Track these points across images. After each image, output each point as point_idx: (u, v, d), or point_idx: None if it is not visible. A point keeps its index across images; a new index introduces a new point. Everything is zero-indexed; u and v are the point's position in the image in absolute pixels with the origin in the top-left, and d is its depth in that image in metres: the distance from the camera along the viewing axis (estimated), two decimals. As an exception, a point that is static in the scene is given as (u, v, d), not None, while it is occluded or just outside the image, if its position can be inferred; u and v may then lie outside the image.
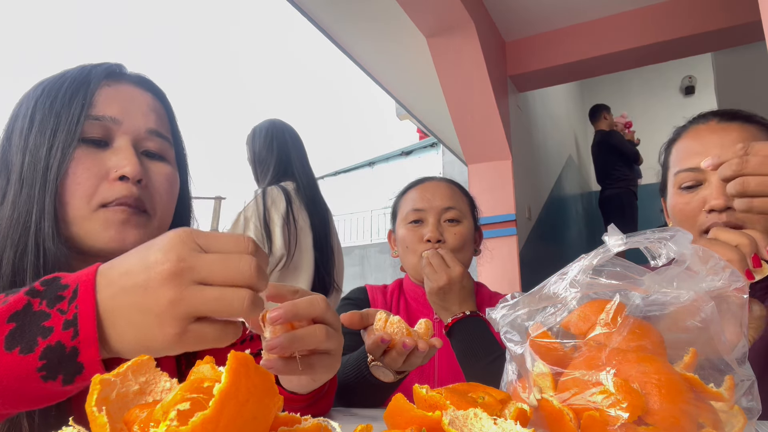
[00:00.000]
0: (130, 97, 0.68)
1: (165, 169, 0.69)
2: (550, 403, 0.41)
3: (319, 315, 0.52)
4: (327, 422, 0.33)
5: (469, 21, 2.96)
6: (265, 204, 1.79)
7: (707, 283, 0.44)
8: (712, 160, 0.73)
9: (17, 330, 0.39)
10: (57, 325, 0.40)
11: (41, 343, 0.39)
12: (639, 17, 3.38)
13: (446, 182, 1.23)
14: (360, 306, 1.20)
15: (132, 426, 0.30)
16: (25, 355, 0.39)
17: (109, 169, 0.63)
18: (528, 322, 0.48)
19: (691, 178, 0.88)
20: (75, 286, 0.41)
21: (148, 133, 0.67)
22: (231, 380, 0.27)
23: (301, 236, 1.82)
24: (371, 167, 14.59)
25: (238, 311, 0.41)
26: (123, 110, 0.66)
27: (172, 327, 0.40)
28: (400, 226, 1.20)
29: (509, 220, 3.32)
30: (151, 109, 0.69)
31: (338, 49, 3.36)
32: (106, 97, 0.66)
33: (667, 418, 0.37)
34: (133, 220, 0.63)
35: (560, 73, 3.77)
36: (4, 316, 0.40)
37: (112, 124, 0.65)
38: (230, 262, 0.41)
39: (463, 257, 1.16)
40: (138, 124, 0.67)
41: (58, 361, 0.39)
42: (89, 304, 0.40)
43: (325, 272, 1.86)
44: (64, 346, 0.39)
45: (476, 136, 3.35)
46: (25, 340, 0.39)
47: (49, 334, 0.39)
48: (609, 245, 0.46)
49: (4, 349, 0.39)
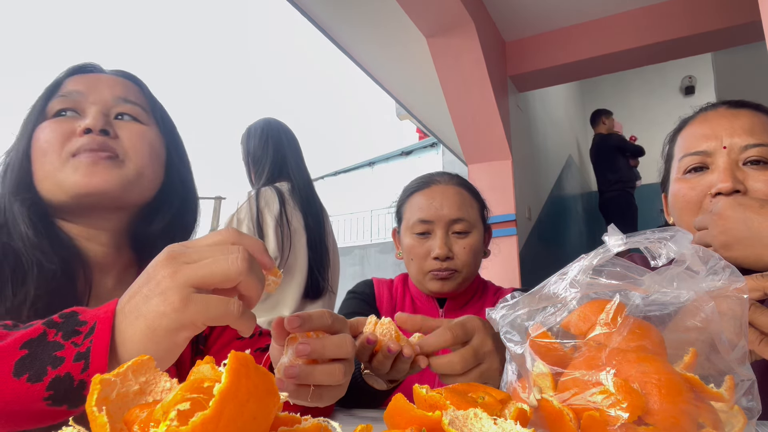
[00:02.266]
0: (98, 79, 0.73)
1: (137, 126, 0.72)
2: (550, 403, 0.41)
3: (343, 357, 0.53)
4: (327, 422, 0.33)
5: (469, 21, 2.96)
6: (258, 205, 1.77)
7: (707, 283, 0.44)
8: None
9: (28, 357, 0.40)
10: (69, 357, 0.41)
11: (50, 373, 0.40)
12: (639, 17, 3.38)
13: (454, 186, 1.16)
14: (366, 300, 1.19)
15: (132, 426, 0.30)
16: (33, 383, 0.39)
17: (76, 128, 0.68)
18: (528, 322, 0.48)
19: (697, 161, 0.84)
20: (93, 323, 0.42)
21: (117, 100, 0.72)
22: (231, 380, 0.27)
23: (295, 238, 1.81)
24: (371, 167, 14.59)
25: (234, 269, 0.42)
26: (89, 86, 0.71)
27: (175, 295, 0.41)
28: (405, 233, 1.15)
29: (509, 220, 3.33)
30: (118, 84, 0.73)
31: (338, 49, 3.36)
32: (73, 82, 0.72)
33: (667, 418, 0.37)
34: (101, 163, 0.67)
35: (560, 73, 3.78)
36: (19, 343, 0.41)
37: (78, 96, 0.70)
38: (219, 248, 0.43)
39: (473, 268, 1.13)
40: (104, 94, 0.71)
41: (64, 392, 0.40)
42: (104, 340, 0.41)
43: (319, 274, 1.84)
44: (73, 379, 0.40)
45: (476, 136, 3.35)
46: (35, 368, 0.40)
47: (59, 364, 0.40)
48: (609, 245, 0.46)
49: (13, 375, 0.39)
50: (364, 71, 3.64)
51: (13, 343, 0.41)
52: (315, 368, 0.51)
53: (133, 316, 0.42)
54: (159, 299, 0.41)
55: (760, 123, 0.84)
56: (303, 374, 0.50)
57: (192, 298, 0.41)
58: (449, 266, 1.09)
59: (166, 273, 0.42)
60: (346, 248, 10.03)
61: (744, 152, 0.81)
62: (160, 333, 0.41)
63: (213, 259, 0.42)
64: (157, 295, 0.41)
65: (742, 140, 0.81)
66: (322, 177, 14.77)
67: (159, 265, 0.43)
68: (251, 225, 1.75)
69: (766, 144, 0.80)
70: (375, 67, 3.66)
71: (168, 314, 0.41)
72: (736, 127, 0.82)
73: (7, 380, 0.39)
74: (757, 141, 0.80)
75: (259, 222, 1.75)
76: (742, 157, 0.81)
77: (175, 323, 0.41)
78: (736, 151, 0.81)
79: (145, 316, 0.41)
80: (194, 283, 0.42)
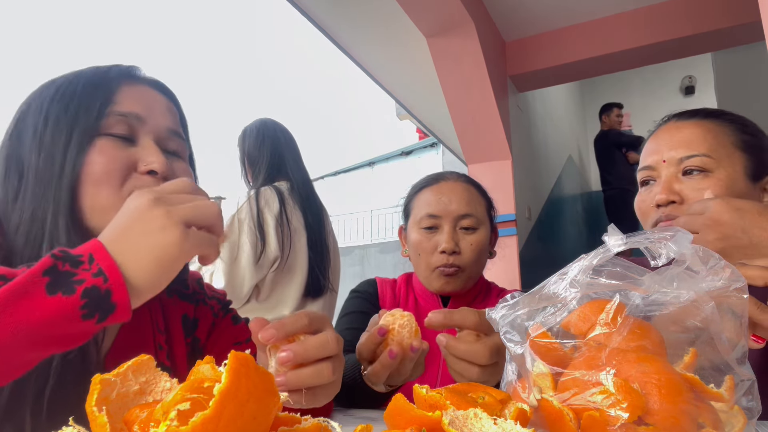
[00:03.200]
0: (151, 98, 0.69)
1: (184, 167, 0.71)
2: (550, 403, 0.41)
3: (328, 355, 0.53)
4: (327, 422, 0.33)
5: (469, 21, 2.96)
6: (258, 205, 1.76)
7: (707, 283, 0.44)
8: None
9: (53, 281, 0.44)
10: (87, 276, 0.45)
11: (79, 288, 0.44)
12: (639, 17, 3.38)
13: (463, 182, 1.16)
14: (369, 299, 1.18)
15: (132, 426, 0.30)
16: (68, 296, 0.43)
17: (138, 161, 0.64)
18: (528, 322, 0.48)
19: (645, 175, 0.93)
20: (87, 254, 0.46)
21: (169, 132, 0.68)
22: (231, 380, 0.27)
23: (296, 237, 1.80)
24: (371, 167, 14.58)
25: (214, 212, 0.52)
26: (146, 109, 0.66)
27: (176, 229, 0.48)
28: (412, 228, 1.15)
29: (509, 220, 3.33)
30: (168, 110, 0.71)
31: (338, 49, 3.36)
32: (128, 95, 0.66)
33: (667, 418, 0.37)
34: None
35: (560, 73, 3.77)
36: (39, 272, 0.44)
37: (136, 121, 0.65)
38: (191, 194, 0.53)
39: (478, 267, 1.13)
40: (160, 123, 0.67)
41: (96, 299, 0.44)
42: (108, 261, 0.46)
43: (319, 273, 1.84)
44: (99, 288, 0.44)
45: (476, 136, 3.35)
46: (64, 286, 0.44)
47: (82, 282, 0.44)
48: (609, 245, 0.46)
49: (47, 293, 0.43)
50: (364, 71, 3.64)
51: (33, 273, 0.44)
52: (302, 372, 0.51)
53: (132, 251, 0.47)
54: (161, 235, 0.47)
55: (701, 134, 0.89)
56: (291, 381, 0.50)
57: (188, 232, 0.48)
58: (455, 261, 1.09)
59: (161, 211, 0.48)
60: (346, 248, 10.03)
61: (681, 164, 0.87)
62: (167, 263, 0.47)
63: (196, 204, 0.51)
64: (157, 230, 0.47)
65: (679, 153, 0.87)
66: (322, 177, 14.77)
67: (148, 205, 0.48)
68: (252, 224, 1.74)
69: (699, 154, 0.86)
70: (375, 67, 3.66)
71: (172, 246, 0.47)
72: (675, 141, 0.89)
73: (44, 299, 0.43)
74: (692, 152, 0.86)
75: (260, 221, 1.75)
76: (681, 168, 0.87)
77: (179, 253, 0.48)
78: (674, 164, 0.88)
79: (150, 249, 0.47)
80: (186, 221, 0.49)
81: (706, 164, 0.85)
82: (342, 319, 1.14)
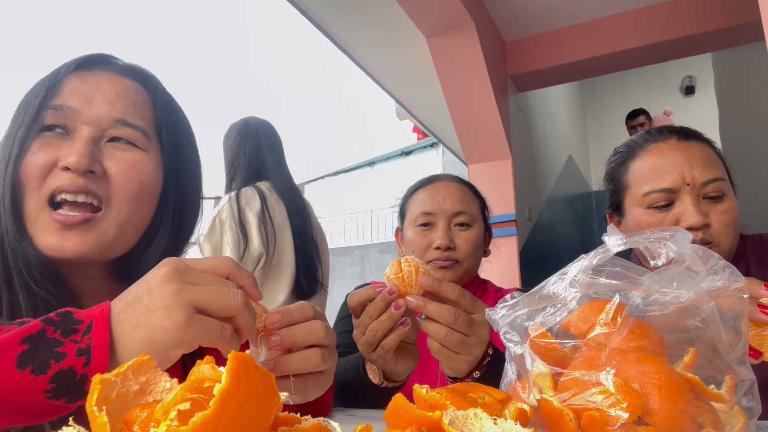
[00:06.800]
0: (96, 86, 0.65)
1: (130, 156, 0.65)
2: (550, 403, 0.41)
3: (316, 342, 0.53)
4: (327, 422, 0.33)
5: (469, 21, 2.96)
6: (239, 205, 1.73)
7: (707, 283, 0.44)
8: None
9: (30, 351, 0.40)
10: (70, 352, 0.41)
11: (54, 366, 0.40)
12: (639, 17, 3.38)
13: (457, 183, 1.20)
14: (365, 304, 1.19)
15: (132, 426, 0.30)
16: (37, 375, 0.40)
17: (59, 158, 0.61)
18: (528, 323, 0.48)
19: (664, 198, 0.91)
20: (89, 322, 0.43)
21: (113, 121, 0.64)
22: (231, 380, 0.27)
23: (280, 233, 1.77)
24: (371, 167, 14.58)
25: (235, 303, 0.45)
26: (85, 99, 0.63)
27: (180, 312, 0.42)
28: (408, 227, 1.18)
29: (509, 220, 3.33)
30: (120, 96, 0.65)
31: (338, 49, 3.36)
32: (71, 86, 0.64)
33: (667, 418, 0.37)
34: (74, 229, 0.60)
35: (560, 73, 3.77)
36: (19, 338, 0.41)
37: (69, 113, 0.62)
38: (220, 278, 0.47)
39: (474, 261, 1.15)
40: (100, 112, 0.63)
41: (66, 386, 0.41)
42: (103, 337, 0.42)
43: (308, 270, 1.81)
44: (75, 373, 0.41)
45: (476, 136, 3.35)
46: (38, 361, 0.40)
47: (62, 358, 0.41)
48: (609, 245, 0.46)
49: (16, 367, 0.40)
50: (364, 71, 3.64)
51: (13, 337, 0.41)
52: (290, 357, 0.51)
53: (131, 324, 0.43)
54: (162, 313, 0.42)
55: (710, 156, 0.91)
56: (279, 366, 0.50)
57: (194, 318, 0.43)
58: (450, 256, 1.11)
59: (171, 289, 0.43)
60: (346, 248, 10.02)
61: (704, 188, 0.89)
62: (159, 346, 0.42)
63: (216, 288, 0.45)
64: (160, 309, 0.42)
65: (701, 175, 0.89)
66: (322, 177, 14.76)
67: (162, 279, 0.43)
68: (233, 224, 1.72)
69: (720, 179, 0.89)
70: (375, 67, 3.66)
71: (170, 330, 0.42)
72: (692, 162, 0.90)
73: (10, 372, 0.39)
74: (714, 176, 0.89)
75: (241, 220, 1.72)
76: (702, 192, 0.89)
77: (175, 340, 0.42)
78: (697, 187, 0.89)
79: (146, 327, 0.42)
80: (197, 305, 0.43)
81: (723, 188, 0.89)
82: (338, 323, 1.15)
